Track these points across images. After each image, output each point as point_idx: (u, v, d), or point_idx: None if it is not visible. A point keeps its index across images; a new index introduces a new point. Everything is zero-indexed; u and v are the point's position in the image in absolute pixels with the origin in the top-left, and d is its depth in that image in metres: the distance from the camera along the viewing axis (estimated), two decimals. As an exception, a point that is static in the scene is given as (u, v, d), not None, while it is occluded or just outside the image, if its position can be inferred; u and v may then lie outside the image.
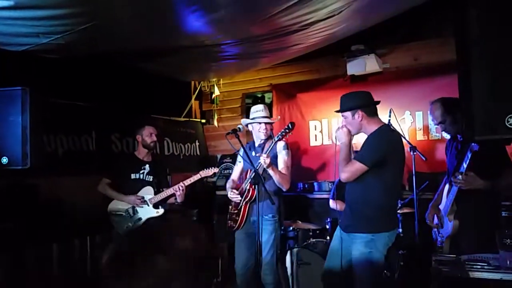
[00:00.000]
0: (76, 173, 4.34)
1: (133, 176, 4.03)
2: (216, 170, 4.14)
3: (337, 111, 3.11)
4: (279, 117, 3.98)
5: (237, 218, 3.67)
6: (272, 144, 3.58)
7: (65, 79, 4.43)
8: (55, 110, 4.33)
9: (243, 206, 3.65)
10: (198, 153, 6.18)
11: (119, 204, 4.00)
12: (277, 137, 3.54)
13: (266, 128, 3.77)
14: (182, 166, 5.67)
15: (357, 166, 2.85)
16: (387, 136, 2.96)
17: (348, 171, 2.87)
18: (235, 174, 4.02)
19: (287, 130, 3.52)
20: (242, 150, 3.64)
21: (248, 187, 3.60)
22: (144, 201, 3.96)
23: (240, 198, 3.65)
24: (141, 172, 4.06)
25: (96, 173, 4.23)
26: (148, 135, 4.08)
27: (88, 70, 4.56)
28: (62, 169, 4.29)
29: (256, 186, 3.36)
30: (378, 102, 3.09)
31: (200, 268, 1.17)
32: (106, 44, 3.78)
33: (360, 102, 3.01)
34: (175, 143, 5.82)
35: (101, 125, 4.74)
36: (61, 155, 4.34)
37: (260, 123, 3.77)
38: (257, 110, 3.83)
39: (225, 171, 5.95)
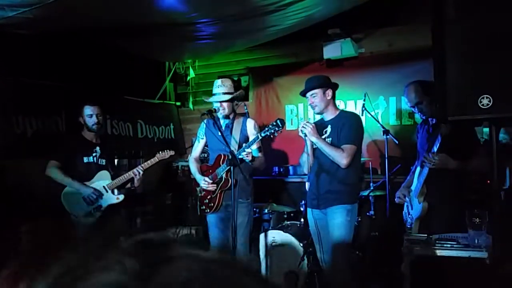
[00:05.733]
0: (45, 155, 4.21)
1: (85, 159, 3.69)
2: (172, 152, 3.91)
3: (307, 90, 3.28)
4: (241, 91, 3.61)
5: (211, 204, 3.59)
6: (256, 140, 3.34)
7: (34, 57, 4.27)
8: (24, 90, 4.19)
9: (218, 193, 3.55)
10: (173, 136, 6.10)
11: (74, 192, 3.60)
12: (264, 133, 3.25)
13: (223, 107, 3.52)
14: (156, 149, 5.57)
15: (354, 148, 3.13)
16: (361, 119, 3.34)
17: (350, 155, 3.11)
18: (197, 152, 3.83)
19: (276, 128, 3.20)
20: (207, 131, 3.57)
21: (224, 176, 3.48)
22: (100, 197, 3.63)
23: (215, 187, 3.54)
24: (93, 155, 3.73)
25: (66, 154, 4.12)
26: (88, 116, 3.68)
27: (59, 48, 4.41)
28: (31, 150, 4.16)
29: (232, 173, 3.25)
30: (338, 85, 3.38)
31: None
32: (77, 20, 3.64)
33: (329, 81, 3.32)
34: (149, 125, 5.71)
35: (71, 106, 4.60)
36: (30, 136, 4.20)
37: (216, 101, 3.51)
38: (217, 86, 3.53)
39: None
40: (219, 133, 3.43)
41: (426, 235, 2.64)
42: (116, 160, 4.13)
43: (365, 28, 5.04)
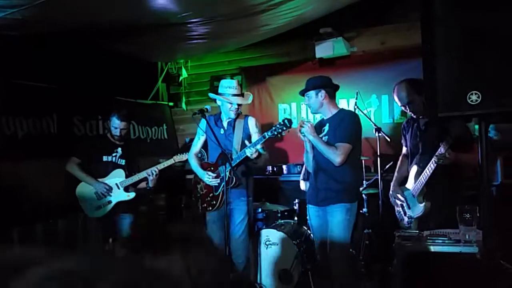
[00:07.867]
0: (36, 157, 4.18)
1: (105, 158, 3.90)
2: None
3: (302, 92, 3.33)
4: (250, 94, 3.77)
5: (214, 201, 3.57)
6: (262, 139, 3.30)
7: (24, 59, 4.24)
8: (14, 91, 4.16)
9: (221, 192, 3.51)
10: (166, 136, 6.08)
11: (87, 187, 3.86)
12: (271, 132, 3.22)
13: (237, 108, 3.55)
14: (150, 150, 5.56)
15: (348, 147, 3.13)
16: (358, 118, 3.30)
17: (343, 154, 3.11)
18: (197, 147, 3.80)
19: (284, 128, 3.21)
20: (207, 129, 3.55)
21: (228, 174, 3.43)
22: (109, 191, 3.83)
23: (218, 181, 3.52)
24: (113, 155, 3.93)
25: (57, 156, 4.10)
26: (114, 127, 3.88)
27: (50, 49, 4.38)
28: (21, 152, 4.13)
29: (225, 171, 3.27)
30: (338, 86, 3.38)
31: None
32: (67, 21, 3.63)
33: (323, 82, 3.31)
34: (142, 126, 5.69)
35: (62, 107, 4.57)
36: (21, 138, 4.17)
37: (231, 103, 3.51)
38: (229, 87, 3.53)
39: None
40: (221, 131, 3.59)
41: (417, 231, 2.65)
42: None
43: (357, 27, 5.06)
